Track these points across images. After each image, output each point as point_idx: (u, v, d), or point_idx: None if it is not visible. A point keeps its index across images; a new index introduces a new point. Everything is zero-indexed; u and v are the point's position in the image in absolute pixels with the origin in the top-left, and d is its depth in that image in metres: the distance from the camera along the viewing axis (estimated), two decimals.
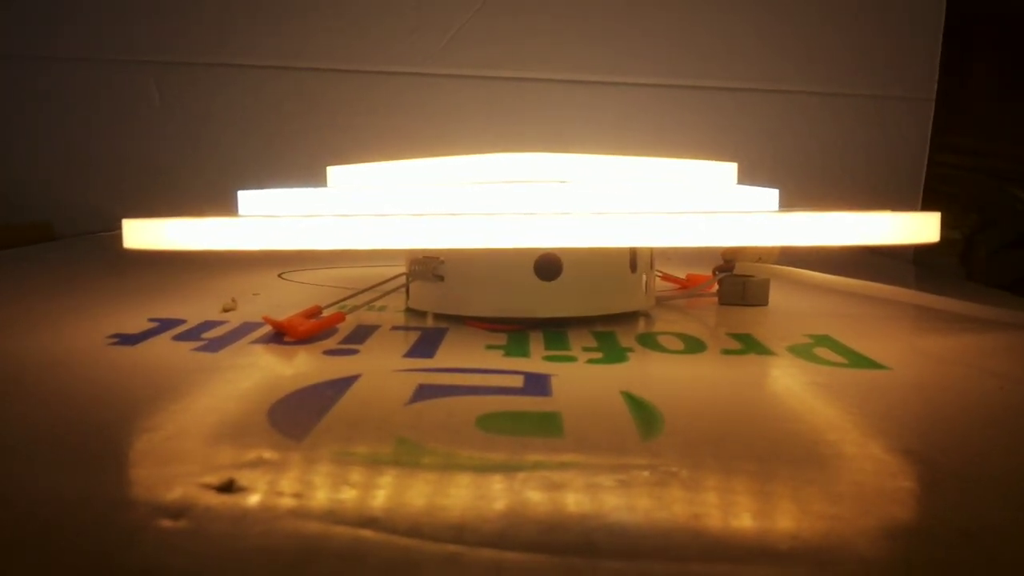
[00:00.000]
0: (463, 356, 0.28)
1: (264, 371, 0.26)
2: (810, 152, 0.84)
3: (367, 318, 0.34)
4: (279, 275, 0.48)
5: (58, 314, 0.35)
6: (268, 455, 0.18)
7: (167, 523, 0.14)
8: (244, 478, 0.16)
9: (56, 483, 0.16)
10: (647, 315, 0.35)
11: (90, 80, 0.83)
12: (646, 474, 0.17)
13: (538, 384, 0.24)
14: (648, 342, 0.30)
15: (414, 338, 0.30)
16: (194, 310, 0.35)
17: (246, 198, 0.34)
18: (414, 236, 0.26)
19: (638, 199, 0.31)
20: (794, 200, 0.36)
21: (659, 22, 0.82)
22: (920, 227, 0.29)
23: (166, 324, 0.32)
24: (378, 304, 0.37)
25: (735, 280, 0.38)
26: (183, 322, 0.33)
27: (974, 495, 0.16)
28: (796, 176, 0.82)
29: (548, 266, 0.32)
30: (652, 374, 0.26)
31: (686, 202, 0.32)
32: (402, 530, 0.14)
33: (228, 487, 0.16)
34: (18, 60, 0.82)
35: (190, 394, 0.23)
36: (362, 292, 0.36)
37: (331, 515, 0.15)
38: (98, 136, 0.84)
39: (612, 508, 0.15)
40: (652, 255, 0.35)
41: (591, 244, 0.26)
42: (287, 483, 0.16)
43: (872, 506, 0.15)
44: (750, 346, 0.29)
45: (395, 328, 0.32)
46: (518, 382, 0.24)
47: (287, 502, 0.15)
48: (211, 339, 0.30)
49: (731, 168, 0.37)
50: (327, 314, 0.32)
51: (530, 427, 0.20)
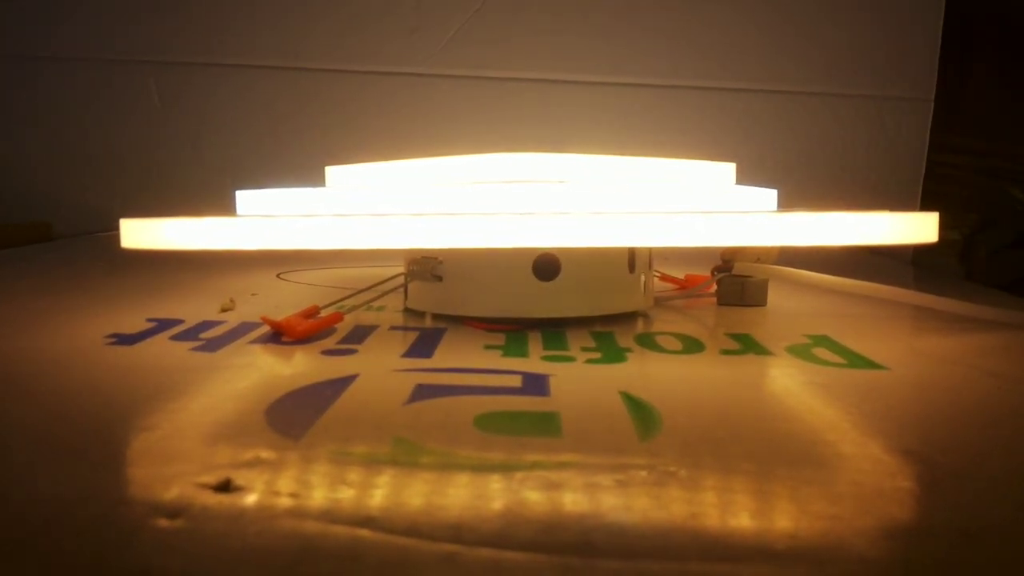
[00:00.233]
0: (461, 356, 0.28)
1: (262, 371, 0.26)
2: (809, 152, 0.84)
3: (365, 318, 0.34)
4: (277, 275, 0.48)
5: (56, 314, 0.35)
6: (265, 455, 0.18)
7: (164, 522, 0.14)
8: (241, 477, 0.16)
9: (53, 482, 0.16)
10: (645, 315, 0.35)
11: (89, 80, 0.83)
12: (644, 474, 0.17)
13: (536, 384, 0.24)
14: (646, 342, 0.30)
15: (412, 338, 0.30)
16: (192, 310, 0.35)
17: (244, 198, 0.34)
18: (412, 236, 0.26)
19: (636, 199, 0.31)
20: (793, 200, 0.36)
21: (659, 22, 0.82)
22: (919, 227, 0.29)
23: (164, 324, 0.32)
24: (376, 304, 0.36)
25: (734, 280, 0.38)
26: (181, 322, 0.33)
27: (973, 495, 0.16)
28: (795, 176, 0.82)
29: (546, 266, 0.32)
30: (651, 374, 0.26)
31: (684, 202, 0.32)
32: (400, 530, 0.14)
33: (225, 487, 0.16)
34: (17, 60, 0.82)
35: (188, 394, 0.23)
36: (360, 292, 0.36)
37: (328, 515, 0.15)
38: (97, 136, 0.84)
39: (610, 508, 0.15)
40: (651, 255, 0.35)
41: (589, 244, 0.26)
42: (284, 483, 0.16)
43: (871, 506, 0.15)
44: (749, 346, 0.29)
45: (393, 328, 0.32)
46: (516, 382, 0.24)
47: (284, 502, 0.15)
48: (209, 339, 0.30)
49: (730, 168, 0.37)
50: (325, 314, 0.32)
51: (528, 427, 0.20)
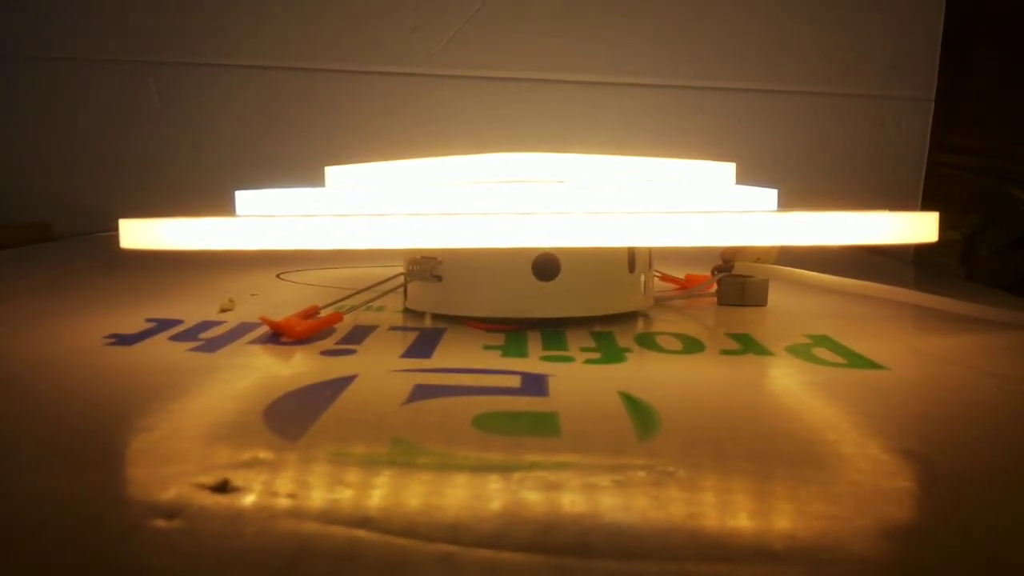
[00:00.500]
0: (460, 356, 0.27)
1: (261, 371, 0.26)
2: (810, 152, 0.84)
3: (365, 318, 0.34)
4: (277, 275, 0.48)
5: (55, 314, 0.35)
6: (264, 455, 0.18)
7: (161, 523, 0.14)
8: (239, 478, 0.16)
9: (51, 482, 0.16)
10: (645, 315, 0.35)
11: (89, 80, 0.83)
12: (643, 474, 0.17)
13: (535, 384, 0.24)
14: (646, 342, 0.30)
15: (411, 338, 0.30)
16: (191, 310, 0.35)
17: (244, 198, 0.34)
18: (412, 236, 0.26)
19: (636, 199, 0.30)
20: (793, 200, 0.36)
21: (658, 22, 0.82)
22: (919, 227, 0.29)
23: (163, 324, 0.32)
24: (376, 304, 0.36)
25: (734, 280, 0.38)
26: (180, 322, 0.33)
27: (973, 495, 0.16)
28: (796, 176, 0.82)
29: (546, 266, 0.32)
30: (650, 374, 0.26)
31: (684, 202, 0.32)
32: (397, 530, 0.14)
33: (223, 487, 0.16)
34: (15, 60, 0.82)
35: (186, 394, 0.23)
36: (360, 292, 0.36)
37: (326, 515, 0.15)
38: (97, 136, 0.83)
39: (608, 508, 0.15)
40: (651, 255, 0.35)
41: (589, 244, 0.26)
42: (282, 483, 0.16)
43: (870, 506, 0.15)
44: (749, 346, 0.29)
45: (393, 328, 0.32)
46: (515, 382, 0.24)
47: (282, 502, 0.15)
48: (208, 339, 0.30)
49: (730, 168, 0.37)
50: (324, 314, 0.32)
51: (527, 427, 0.20)
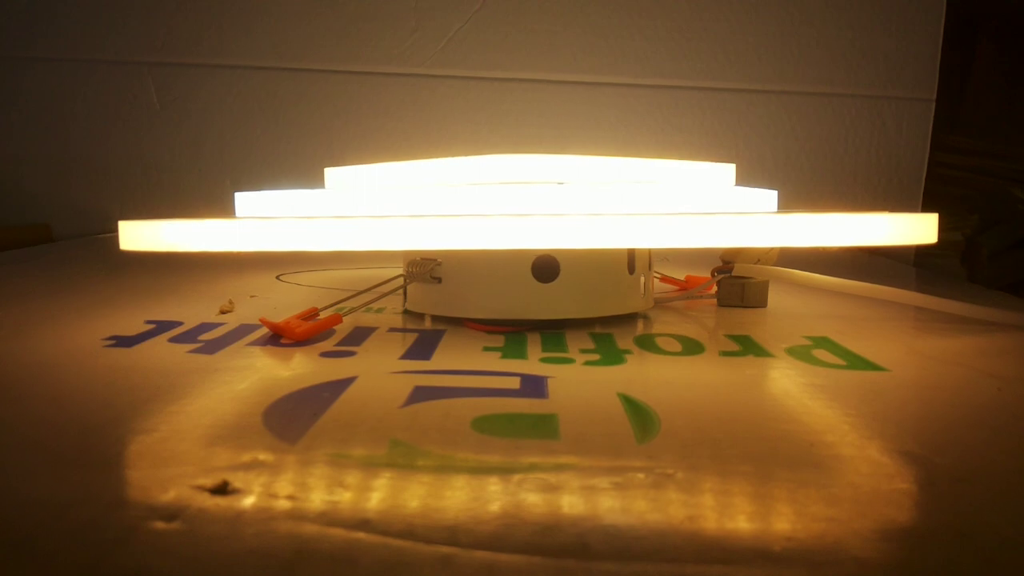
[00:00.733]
0: (460, 358, 0.27)
1: (260, 373, 0.26)
2: (811, 153, 0.84)
3: (364, 320, 0.34)
4: (276, 277, 0.48)
5: (55, 316, 0.35)
6: (263, 457, 0.18)
7: (160, 525, 0.14)
8: (239, 480, 0.16)
9: (50, 484, 0.16)
10: (645, 317, 0.35)
11: (88, 82, 0.83)
12: (642, 476, 0.17)
13: (535, 386, 0.24)
14: (646, 344, 0.30)
15: (411, 340, 0.30)
16: (191, 312, 0.35)
17: (243, 199, 0.34)
18: (411, 238, 0.26)
19: (636, 200, 0.30)
20: (793, 201, 0.36)
21: (658, 22, 0.82)
22: (918, 228, 0.29)
23: (163, 326, 0.32)
24: (375, 306, 0.36)
25: (734, 282, 0.38)
26: (180, 324, 0.33)
27: (972, 497, 0.16)
28: (797, 177, 0.82)
29: (545, 268, 0.32)
30: (650, 376, 0.26)
31: (684, 203, 0.32)
32: (396, 532, 0.14)
33: (222, 489, 0.16)
34: (14, 62, 0.82)
35: (186, 396, 0.23)
36: (359, 294, 0.36)
37: (325, 517, 0.15)
38: (96, 138, 0.84)
39: (607, 510, 0.15)
40: (651, 256, 0.35)
41: (588, 245, 0.26)
42: (282, 485, 0.16)
43: (869, 508, 0.15)
44: (748, 348, 0.29)
45: (392, 330, 0.32)
46: (515, 384, 0.24)
47: (281, 504, 0.15)
48: (208, 341, 0.30)
49: (729, 169, 0.37)
50: (324, 316, 0.32)
51: (526, 429, 0.20)
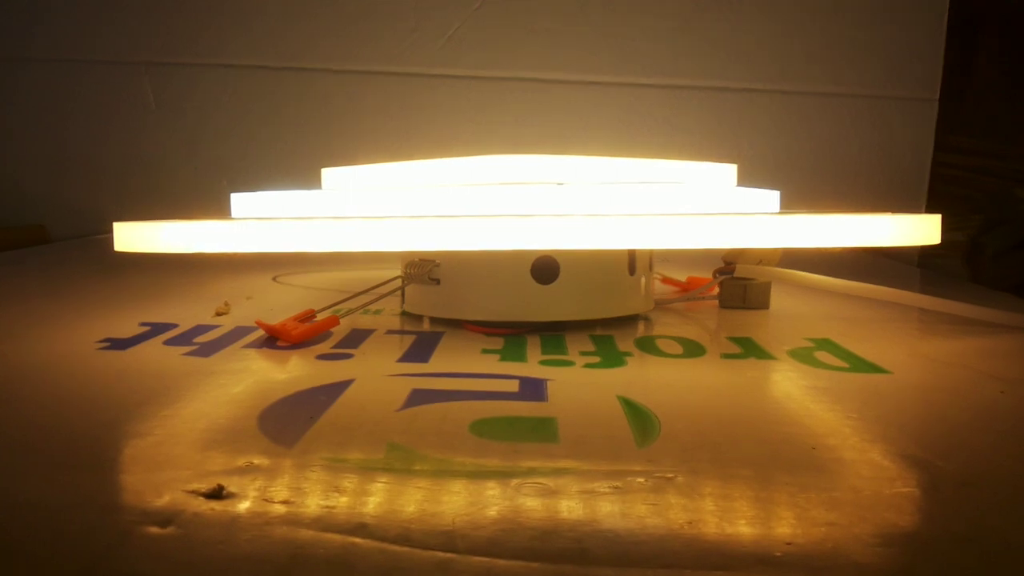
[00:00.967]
0: (458, 361, 0.27)
1: (256, 376, 0.25)
2: (813, 153, 0.83)
3: (362, 322, 0.34)
4: (273, 278, 0.48)
5: (49, 318, 0.35)
6: (259, 461, 0.17)
7: (155, 530, 0.14)
8: (234, 484, 0.16)
9: (43, 488, 0.16)
10: (646, 319, 0.35)
11: (84, 82, 0.83)
12: (641, 480, 0.16)
13: (534, 389, 0.24)
14: (647, 346, 0.30)
15: (409, 342, 0.30)
16: (186, 314, 0.35)
17: (239, 200, 0.34)
18: (409, 239, 0.26)
19: (636, 201, 0.30)
20: (796, 202, 0.36)
21: (659, 22, 0.82)
22: (921, 229, 0.29)
23: (158, 328, 0.32)
24: (373, 308, 0.36)
25: (736, 283, 0.38)
26: (175, 326, 0.32)
27: (976, 502, 0.16)
28: (799, 178, 0.82)
29: (545, 269, 0.32)
30: (650, 379, 0.26)
31: (685, 204, 0.32)
32: (393, 537, 0.14)
33: (217, 494, 0.16)
34: (9, 62, 0.82)
35: (181, 399, 0.23)
36: (357, 296, 0.36)
37: (321, 522, 0.14)
38: (92, 139, 0.83)
39: (606, 515, 0.15)
40: (651, 258, 0.35)
41: (588, 246, 0.26)
42: (277, 489, 0.16)
43: (870, 512, 0.15)
44: (750, 350, 0.29)
45: (390, 332, 0.32)
46: (514, 387, 0.24)
47: (277, 509, 0.15)
48: (203, 343, 0.29)
49: (731, 169, 0.37)
50: (321, 318, 0.31)
51: (525, 433, 0.20)
